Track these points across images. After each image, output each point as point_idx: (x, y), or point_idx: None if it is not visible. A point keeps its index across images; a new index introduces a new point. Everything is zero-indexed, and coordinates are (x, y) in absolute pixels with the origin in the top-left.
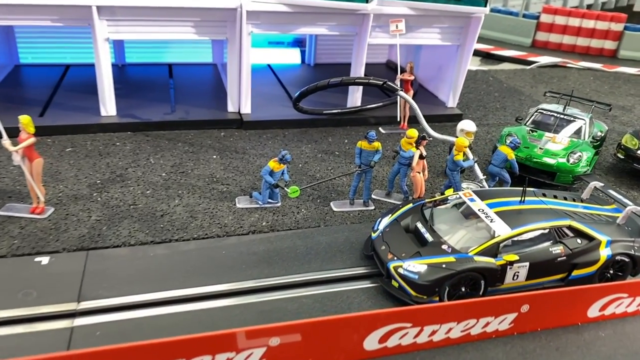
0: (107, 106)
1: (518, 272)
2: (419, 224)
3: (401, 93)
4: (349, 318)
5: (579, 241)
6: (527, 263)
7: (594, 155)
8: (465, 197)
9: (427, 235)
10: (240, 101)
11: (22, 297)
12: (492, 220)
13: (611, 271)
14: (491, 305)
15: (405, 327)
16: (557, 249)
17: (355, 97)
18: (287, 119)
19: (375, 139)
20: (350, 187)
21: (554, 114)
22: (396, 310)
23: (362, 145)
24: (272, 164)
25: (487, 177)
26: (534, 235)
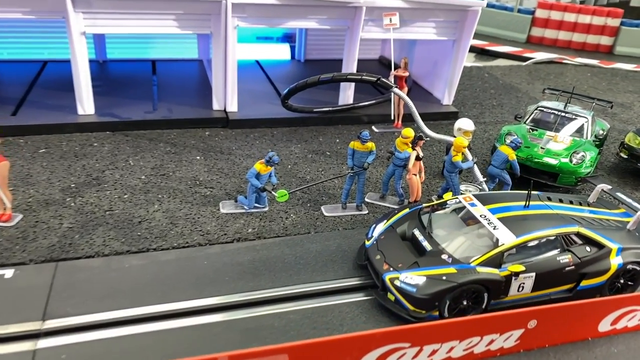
0: (85, 104)
1: (523, 283)
2: (416, 231)
3: (396, 90)
4: (342, 340)
5: (588, 249)
6: (533, 274)
7: (597, 154)
8: (465, 202)
9: (425, 244)
10: (226, 99)
11: None
12: (495, 227)
13: (622, 281)
14: (496, 322)
15: (403, 348)
16: (565, 257)
17: (347, 95)
18: (275, 117)
19: (369, 139)
20: (343, 190)
21: (554, 111)
22: (393, 329)
23: (355, 145)
24: (259, 166)
25: (486, 179)
26: (540, 243)
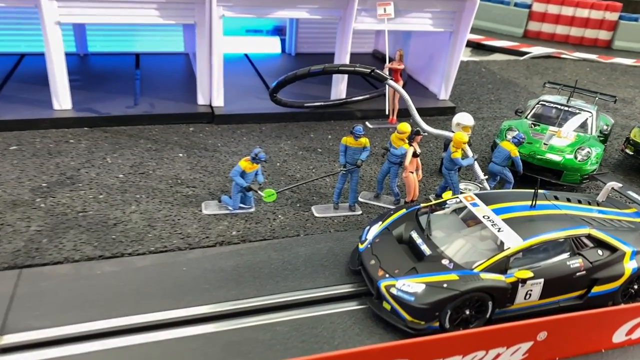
0: (61, 99)
1: (531, 290)
2: (414, 234)
3: (391, 82)
4: (332, 357)
5: (600, 252)
6: (542, 280)
7: (602, 151)
8: (467, 202)
9: (424, 247)
10: (211, 93)
11: None
12: (499, 230)
13: (636, 286)
14: (503, 334)
15: None
16: (576, 262)
17: (339, 89)
18: (264, 112)
19: (363, 134)
20: (335, 190)
21: (557, 105)
22: (390, 345)
23: (348, 141)
24: (244, 164)
25: (487, 176)
26: (548, 247)
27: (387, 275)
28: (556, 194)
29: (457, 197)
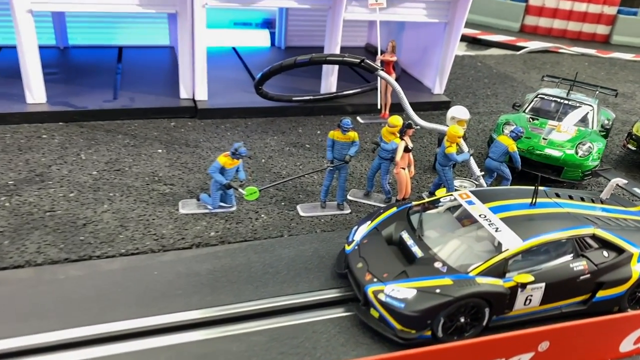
0: (34, 92)
1: (531, 295)
2: (404, 234)
3: (381, 73)
4: None
5: (606, 254)
6: (543, 284)
7: (604, 146)
8: (461, 199)
9: (415, 249)
10: (194, 86)
11: None
12: (497, 230)
13: None
14: (501, 345)
15: None
16: (580, 264)
17: (330, 82)
18: (250, 106)
19: (351, 128)
20: (322, 187)
21: (556, 99)
22: (378, 358)
23: (335, 135)
24: (223, 160)
25: (483, 173)
26: (550, 248)
27: (375, 280)
28: (558, 191)
29: (451, 195)
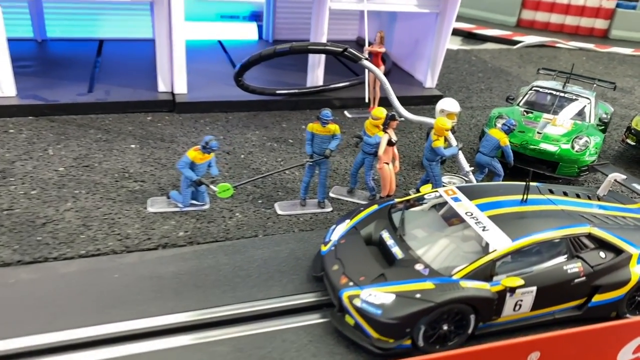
0: (3, 86)
1: (521, 300)
2: (384, 234)
3: (365, 62)
4: None
5: (603, 255)
6: (534, 288)
7: (602, 141)
8: (447, 196)
9: (396, 250)
10: (172, 79)
11: None
12: (484, 229)
13: None
14: (488, 356)
15: None
16: (574, 266)
17: (316, 75)
18: (232, 100)
19: (331, 119)
20: (301, 184)
21: (552, 91)
22: None
23: (314, 128)
24: (193, 154)
25: (474, 168)
26: (542, 248)
27: (350, 284)
28: (551, 187)
29: (436, 191)
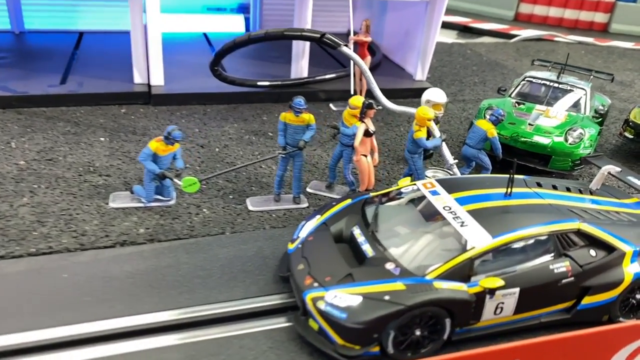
0: None
1: (503, 303)
2: (356, 230)
3: (344, 49)
4: None
5: (593, 253)
6: (517, 289)
7: (598, 133)
8: (424, 189)
9: (366, 247)
10: (149, 70)
11: None
12: (463, 224)
13: (638, 296)
14: None
15: None
16: (562, 265)
17: (300, 66)
18: (210, 92)
19: (304, 108)
20: (275, 178)
21: (545, 82)
22: None
23: (287, 118)
24: (155, 145)
25: (457, 161)
26: (526, 246)
27: (315, 284)
28: (539, 180)
29: (414, 184)
